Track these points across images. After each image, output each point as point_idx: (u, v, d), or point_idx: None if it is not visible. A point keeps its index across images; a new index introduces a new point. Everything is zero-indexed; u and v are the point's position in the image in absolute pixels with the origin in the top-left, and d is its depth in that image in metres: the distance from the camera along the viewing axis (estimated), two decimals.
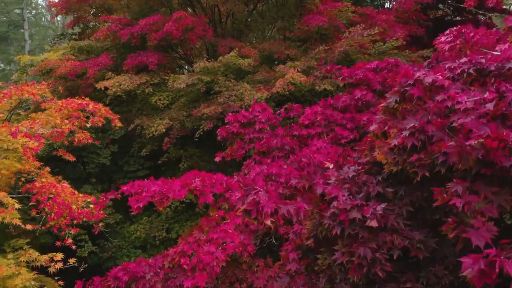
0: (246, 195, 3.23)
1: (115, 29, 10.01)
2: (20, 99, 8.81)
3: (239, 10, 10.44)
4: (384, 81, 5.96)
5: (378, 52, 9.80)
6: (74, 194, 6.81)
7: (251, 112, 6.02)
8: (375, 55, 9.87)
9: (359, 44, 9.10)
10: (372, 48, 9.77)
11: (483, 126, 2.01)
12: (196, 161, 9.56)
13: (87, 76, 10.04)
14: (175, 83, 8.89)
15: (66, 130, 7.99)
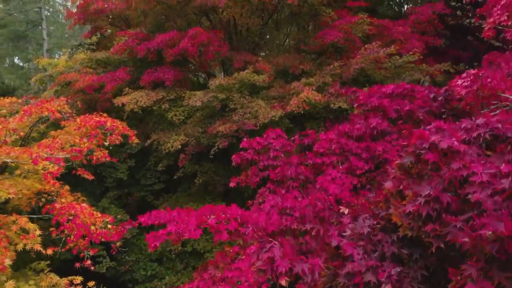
0: (261, 248, 3.28)
1: (131, 45, 10.15)
2: (40, 116, 9.02)
3: (254, 24, 10.46)
4: (400, 109, 5.93)
5: (394, 66, 9.70)
6: (92, 215, 6.97)
7: (266, 139, 6.07)
8: (391, 69, 9.79)
9: (375, 59, 9.04)
10: (388, 62, 9.68)
11: (498, 223, 2.01)
12: (211, 176, 9.66)
13: (105, 90, 10.21)
14: (191, 100, 8.98)
15: (84, 149, 8.17)
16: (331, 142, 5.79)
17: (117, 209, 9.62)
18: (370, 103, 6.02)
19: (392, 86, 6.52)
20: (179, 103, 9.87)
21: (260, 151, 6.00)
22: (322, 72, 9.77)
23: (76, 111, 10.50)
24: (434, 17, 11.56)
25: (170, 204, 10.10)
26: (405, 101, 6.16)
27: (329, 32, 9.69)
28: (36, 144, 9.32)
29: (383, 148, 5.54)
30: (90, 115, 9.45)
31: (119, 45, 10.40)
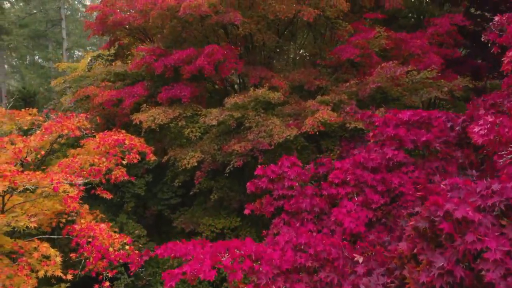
0: None
1: (149, 61, 10.28)
2: (60, 134, 9.23)
3: (270, 39, 10.47)
4: (417, 140, 5.88)
5: (411, 81, 9.60)
6: (111, 236, 7.12)
7: (280, 167, 6.09)
8: (408, 84, 9.69)
9: (392, 77, 8.96)
10: (405, 78, 9.57)
11: None
12: (226, 192, 9.74)
13: (123, 106, 10.38)
14: (207, 118, 9.07)
15: (103, 168, 8.35)
16: (346, 172, 5.78)
17: (135, 224, 9.79)
18: (386, 133, 5.98)
19: (409, 113, 6.48)
20: (195, 119, 9.97)
21: (275, 180, 6.03)
22: (338, 89, 9.74)
23: (95, 126, 10.73)
24: (453, 28, 11.37)
25: (186, 218, 10.24)
26: (422, 130, 6.11)
27: (345, 49, 9.64)
28: (56, 162, 9.56)
29: (399, 181, 5.51)
30: (109, 131, 9.65)
31: (137, 62, 10.56)
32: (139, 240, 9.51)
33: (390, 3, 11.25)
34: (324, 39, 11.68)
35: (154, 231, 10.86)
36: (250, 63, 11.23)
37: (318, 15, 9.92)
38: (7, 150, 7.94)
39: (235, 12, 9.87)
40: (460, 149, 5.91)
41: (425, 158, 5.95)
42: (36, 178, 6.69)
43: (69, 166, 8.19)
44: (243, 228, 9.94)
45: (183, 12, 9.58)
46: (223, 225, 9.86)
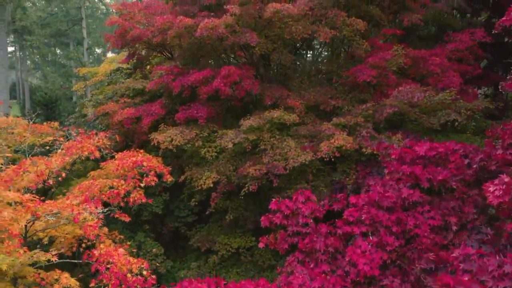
0: None
1: (167, 81, 10.42)
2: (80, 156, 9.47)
3: (287, 59, 10.47)
4: (433, 179, 5.83)
5: (430, 102, 9.46)
6: (129, 262, 7.27)
7: (294, 202, 6.13)
8: (426, 104, 9.56)
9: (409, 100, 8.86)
10: (424, 99, 9.45)
11: None
12: (242, 212, 9.83)
13: (141, 125, 10.55)
14: (223, 140, 9.15)
15: (122, 191, 8.54)
16: (361, 211, 5.78)
17: (152, 242, 9.98)
18: (401, 171, 5.95)
19: (425, 147, 6.43)
20: (211, 138, 10.08)
21: (289, 216, 6.07)
22: (354, 109, 9.69)
23: (114, 143, 10.96)
24: (473, 43, 11.17)
25: (202, 237, 10.38)
26: (438, 168, 6.05)
27: (362, 70, 9.57)
28: (77, 182, 9.81)
29: (414, 223, 5.49)
30: (128, 151, 9.85)
31: (155, 81, 10.71)
32: (156, 259, 9.70)
33: (409, 19, 11.10)
34: (341, 55, 11.61)
35: (171, 247, 11.04)
36: (266, 80, 11.27)
37: (334, 35, 9.87)
38: (30, 173, 8.19)
39: (252, 33, 9.90)
40: (477, 187, 5.84)
41: (441, 197, 5.90)
42: (57, 207, 6.90)
43: (89, 189, 8.42)
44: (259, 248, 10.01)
45: (200, 34, 9.66)
46: (238, 244, 9.96)
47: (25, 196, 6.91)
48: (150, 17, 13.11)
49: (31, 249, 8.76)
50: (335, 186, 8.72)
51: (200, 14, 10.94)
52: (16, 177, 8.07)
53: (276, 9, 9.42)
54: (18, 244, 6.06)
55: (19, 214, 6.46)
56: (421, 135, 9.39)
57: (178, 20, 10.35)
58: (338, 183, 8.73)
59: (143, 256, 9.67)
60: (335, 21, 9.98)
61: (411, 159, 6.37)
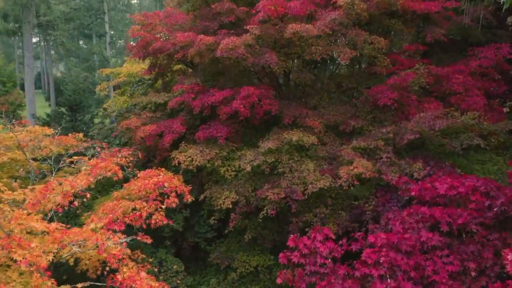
0: None
1: (188, 100, 10.56)
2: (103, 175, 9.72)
3: (306, 78, 10.45)
4: (452, 222, 5.79)
5: (452, 125, 9.32)
6: (151, 286, 7.50)
7: (312, 241, 6.20)
8: (448, 126, 9.43)
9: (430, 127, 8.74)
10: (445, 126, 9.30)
11: None
12: (260, 231, 9.96)
13: (162, 142, 10.73)
14: (242, 162, 9.28)
15: (144, 214, 8.77)
16: (379, 253, 5.81)
17: (173, 259, 10.23)
18: (421, 213, 5.93)
19: (446, 185, 6.39)
20: (231, 156, 10.20)
21: (307, 255, 6.15)
22: (374, 129, 9.65)
23: (136, 159, 11.21)
24: (499, 58, 10.88)
25: (221, 253, 10.57)
26: (458, 210, 6.01)
27: (383, 92, 9.49)
28: (100, 202, 10.09)
29: (433, 269, 5.49)
30: (150, 170, 10.06)
31: (176, 99, 10.88)
32: (177, 276, 9.95)
33: (432, 35, 10.90)
34: (362, 71, 11.49)
35: (192, 261, 11.29)
36: (285, 97, 11.29)
37: (354, 56, 9.78)
38: (56, 196, 8.47)
39: (271, 53, 9.92)
40: (497, 231, 5.79)
41: (461, 239, 5.87)
42: (83, 236, 7.18)
43: (113, 211, 8.67)
44: (277, 266, 10.17)
45: (220, 54, 9.75)
46: (257, 262, 10.12)
47: (51, 225, 7.18)
48: (171, 27, 13.27)
49: (56, 267, 9.09)
50: (354, 211, 8.74)
51: (221, 32, 10.98)
52: (43, 200, 8.38)
53: (296, 31, 9.39)
54: (46, 277, 6.33)
55: (46, 245, 6.73)
56: (443, 159, 9.29)
57: (198, 38, 10.44)
58: (357, 208, 8.75)
59: (164, 273, 9.94)
60: (356, 40, 9.89)
61: (431, 197, 6.34)
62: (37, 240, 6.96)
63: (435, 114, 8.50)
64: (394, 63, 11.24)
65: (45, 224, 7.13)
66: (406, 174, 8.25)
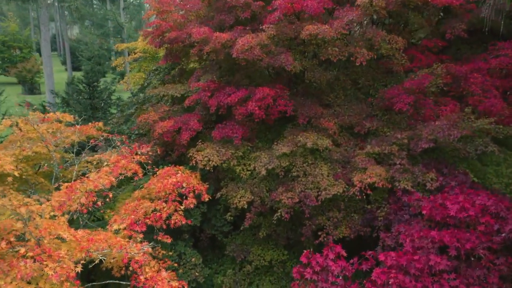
0: None
1: (204, 98, 10.71)
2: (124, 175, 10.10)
3: (321, 78, 10.43)
4: (460, 247, 5.99)
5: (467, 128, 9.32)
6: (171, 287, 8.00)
7: (325, 259, 6.51)
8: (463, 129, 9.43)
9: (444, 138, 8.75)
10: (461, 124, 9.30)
11: None
12: (274, 229, 10.31)
13: (180, 139, 10.98)
14: (257, 165, 9.53)
15: (164, 215, 9.21)
16: (389, 274, 6.09)
17: (191, 252, 10.73)
18: (431, 237, 6.14)
19: (456, 206, 6.55)
20: (246, 155, 10.44)
21: (319, 272, 6.47)
22: (390, 133, 9.71)
23: (155, 155, 11.54)
24: None
25: (237, 246, 11.04)
26: (467, 234, 6.19)
27: (399, 96, 9.45)
28: (122, 202, 10.52)
29: None
30: (168, 168, 10.41)
31: (193, 97, 11.03)
32: (195, 268, 10.47)
33: (451, 31, 10.68)
34: (379, 67, 11.36)
35: (209, 251, 11.82)
36: (300, 94, 11.31)
37: (371, 57, 9.70)
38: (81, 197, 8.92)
39: (287, 53, 9.91)
40: (504, 256, 5.98)
41: (468, 262, 6.09)
42: (107, 243, 7.61)
43: (134, 212, 9.13)
44: (290, 260, 10.61)
45: (236, 55, 9.79)
46: (271, 257, 10.56)
47: (78, 233, 7.63)
48: (187, 13, 13.24)
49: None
50: (367, 216, 8.98)
51: (237, 28, 10.93)
52: (68, 201, 8.84)
53: (312, 33, 9.32)
54: (76, 287, 6.83)
55: (74, 254, 7.19)
56: (457, 163, 9.37)
57: (214, 36, 10.45)
58: (369, 213, 8.97)
59: (183, 267, 10.47)
60: (373, 41, 9.78)
61: (442, 217, 6.52)
62: (65, 247, 7.41)
63: (450, 123, 8.49)
64: (412, 58, 11.09)
65: (72, 232, 7.56)
66: (418, 183, 8.40)
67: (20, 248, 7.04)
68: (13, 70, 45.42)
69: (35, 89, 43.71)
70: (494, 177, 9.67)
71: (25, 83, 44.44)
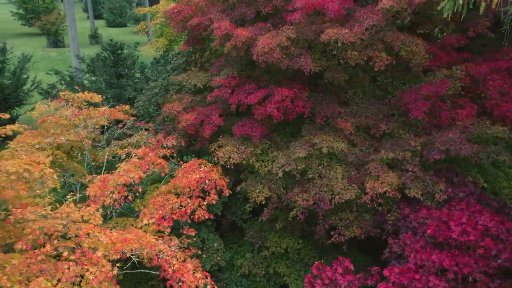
0: None
1: (225, 96, 11.11)
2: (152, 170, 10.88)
3: (340, 79, 10.62)
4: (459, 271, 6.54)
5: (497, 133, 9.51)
6: (196, 278, 8.93)
7: (334, 273, 7.19)
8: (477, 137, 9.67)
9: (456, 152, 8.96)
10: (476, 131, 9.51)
11: None
12: (290, 222, 11.02)
13: (202, 130, 11.55)
14: (274, 165, 10.08)
15: (189, 210, 10.04)
16: None
17: (214, 237, 11.64)
18: (431, 260, 6.70)
19: (459, 229, 7.03)
20: (264, 152, 10.99)
21: (328, 284, 7.18)
22: (405, 136, 10.00)
23: (179, 146, 12.22)
24: None
25: (255, 232, 11.88)
26: (466, 258, 6.73)
27: (415, 103, 9.63)
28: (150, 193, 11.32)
29: None
30: (192, 162, 11.12)
31: (214, 93, 11.44)
32: (217, 253, 11.43)
33: (474, 29, 10.55)
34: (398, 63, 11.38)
35: (230, 235, 12.75)
36: (319, 90, 11.55)
37: (390, 62, 9.80)
38: (114, 192, 9.78)
39: (306, 56, 10.07)
40: (498, 279, 6.52)
41: (464, 284, 6.67)
42: (139, 243, 8.49)
43: (162, 208, 9.98)
44: (305, 248, 11.43)
45: (256, 58, 10.05)
46: (287, 244, 11.39)
47: (113, 234, 8.52)
48: None
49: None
50: (377, 218, 9.54)
51: (258, 24, 11.06)
52: (102, 197, 9.72)
53: (331, 38, 9.44)
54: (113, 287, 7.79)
55: (110, 255, 8.10)
56: (469, 168, 9.68)
57: (235, 33, 10.64)
58: (380, 215, 9.52)
59: (206, 251, 11.43)
60: (393, 45, 9.82)
61: (445, 238, 7.03)
62: (102, 247, 8.31)
63: (462, 137, 8.72)
64: (433, 55, 11.08)
65: (107, 234, 8.46)
66: (428, 192, 8.83)
67: (64, 251, 8.00)
68: (36, 23, 45.91)
69: (59, 42, 44.19)
70: (505, 181, 9.99)
71: (49, 35, 44.93)
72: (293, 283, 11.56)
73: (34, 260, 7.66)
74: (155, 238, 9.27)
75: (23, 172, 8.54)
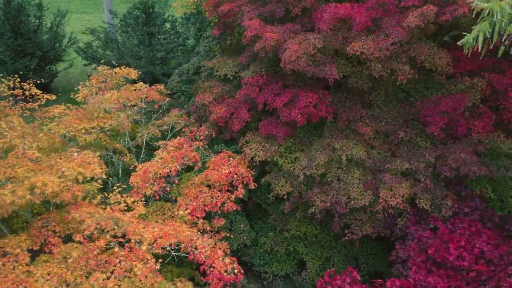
0: None
1: (253, 95, 11.82)
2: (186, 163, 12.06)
3: (364, 85, 11.05)
4: None
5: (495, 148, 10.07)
6: (225, 264, 10.36)
7: (342, 282, 8.37)
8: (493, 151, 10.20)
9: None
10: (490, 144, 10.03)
11: None
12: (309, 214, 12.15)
13: (232, 123, 12.45)
14: (296, 167, 11.03)
15: (219, 202, 11.33)
16: None
17: (240, 219, 12.96)
18: (427, 282, 7.75)
19: (456, 252, 7.97)
20: (288, 150, 11.89)
21: None
22: (421, 144, 10.63)
23: (209, 141, 13.28)
24: None
25: (278, 215, 13.15)
26: (459, 281, 7.73)
27: (433, 116, 10.10)
28: (185, 182, 12.54)
29: None
30: (222, 154, 12.24)
31: (243, 92, 12.12)
32: (244, 233, 12.84)
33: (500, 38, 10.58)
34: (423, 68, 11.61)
35: (255, 212, 14.10)
36: (342, 91, 12.04)
37: (413, 76, 10.16)
38: (154, 184, 11.12)
39: (331, 65, 10.49)
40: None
41: None
42: (177, 239, 9.86)
43: (196, 199, 11.29)
44: (322, 232, 12.68)
45: (283, 65, 10.59)
46: (305, 229, 12.65)
47: (155, 230, 9.90)
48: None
49: None
50: (388, 220, 10.52)
51: (287, 25, 11.40)
52: (144, 188, 11.09)
53: (357, 51, 9.84)
54: (156, 277, 9.29)
55: (153, 250, 9.54)
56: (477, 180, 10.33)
57: (264, 36, 11.11)
58: (391, 218, 10.49)
59: (234, 232, 12.83)
60: (417, 58, 10.10)
61: (442, 260, 8.02)
62: (146, 243, 9.72)
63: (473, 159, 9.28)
64: (458, 60, 11.24)
65: (150, 230, 9.84)
66: (436, 204, 9.66)
67: (115, 247, 9.49)
68: None
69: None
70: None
71: None
72: (310, 261, 13.01)
73: (91, 255, 9.20)
74: (190, 228, 10.63)
75: (77, 175, 9.87)
